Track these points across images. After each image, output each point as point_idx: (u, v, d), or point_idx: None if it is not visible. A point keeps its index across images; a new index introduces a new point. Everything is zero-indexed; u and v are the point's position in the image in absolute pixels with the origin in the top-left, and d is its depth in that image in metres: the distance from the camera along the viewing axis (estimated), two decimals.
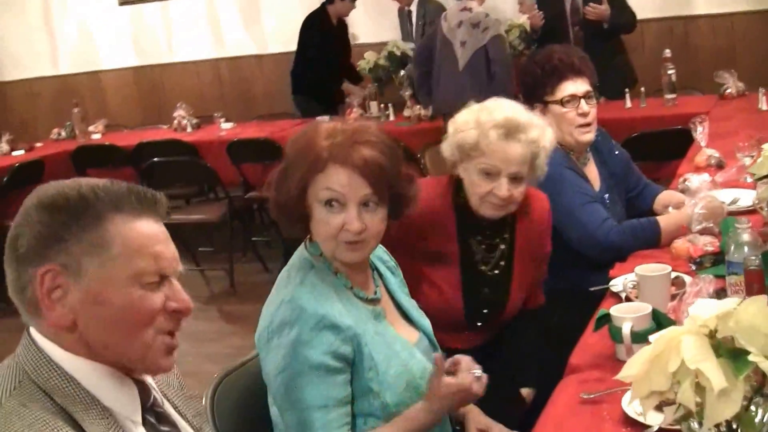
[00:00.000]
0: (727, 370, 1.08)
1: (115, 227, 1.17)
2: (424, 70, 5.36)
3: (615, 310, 1.85)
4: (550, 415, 1.69)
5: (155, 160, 5.30)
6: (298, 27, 6.38)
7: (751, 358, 1.06)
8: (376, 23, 6.81)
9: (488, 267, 2.29)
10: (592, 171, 2.82)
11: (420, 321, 1.93)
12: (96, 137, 6.52)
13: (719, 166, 3.23)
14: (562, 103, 2.70)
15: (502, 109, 2.19)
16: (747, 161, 3.03)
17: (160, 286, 1.21)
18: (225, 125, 6.17)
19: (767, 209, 2.36)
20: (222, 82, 7.67)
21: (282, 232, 1.88)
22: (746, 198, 2.70)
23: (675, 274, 2.17)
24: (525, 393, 2.25)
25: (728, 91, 4.88)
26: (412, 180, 1.82)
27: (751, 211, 2.56)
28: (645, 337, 1.39)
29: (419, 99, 5.57)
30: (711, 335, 1.12)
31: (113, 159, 5.88)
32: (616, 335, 1.82)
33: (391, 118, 5.79)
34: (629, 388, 1.37)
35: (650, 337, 1.19)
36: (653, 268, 2.08)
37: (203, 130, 6.26)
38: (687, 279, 2.15)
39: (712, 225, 2.38)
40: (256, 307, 1.84)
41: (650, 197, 2.92)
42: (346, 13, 6.32)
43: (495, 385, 1.84)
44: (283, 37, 6.86)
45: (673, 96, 4.94)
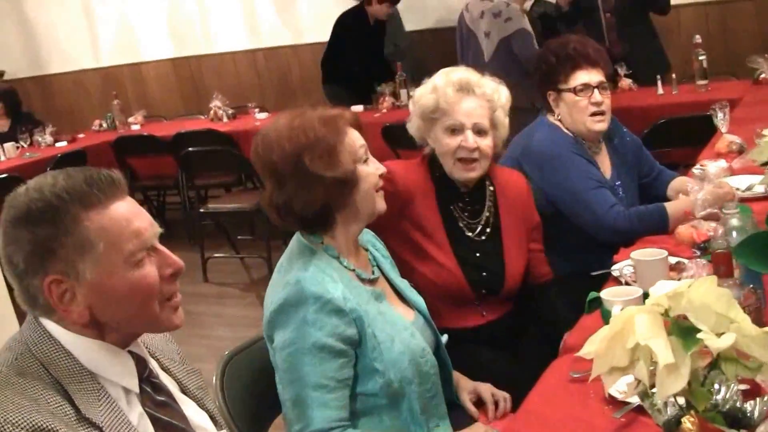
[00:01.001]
0: (678, 346, 1.12)
1: (92, 224, 1.26)
2: None
3: (606, 294, 1.90)
4: (539, 392, 1.75)
5: (190, 149, 5.44)
6: (333, 17, 6.41)
7: (700, 335, 1.11)
8: None
9: (474, 233, 2.37)
10: (604, 159, 2.85)
11: (415, 300, 2.01)
12: (135, 128, 6.70)
13: (740, 152, 3.21)
14: (575, 91, 2.73)
15: (455, 71, 2.36)
16: None
17: (150, 256, 1.32)
18: (259, 115, 6.29)
19: None
20: (258, 72, 7.77)
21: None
22: (762, 185, 2.69)
23: (676, 259, 2.20)
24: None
25: (762, 75, 4.81)
26: None
27: (767, 197, 2.57)
28: None
29: None
30: (666, 314, 1.17)
31: (152, 148, 6.04)
32: (607, 318, 1.86)
33: None
34: None
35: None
36: (650, 253, 2.12)
37: (239, 119, 6.37)
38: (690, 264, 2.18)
39: (717, 210, 2.40)
40: None
41: (664, 183, 2.94)
42: (381, 16, 6.18)
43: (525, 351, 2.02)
44: (319, 27, 6.91)
45: (704, 82, 4.88)
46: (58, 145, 6.33)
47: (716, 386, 1.21)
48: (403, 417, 1.84)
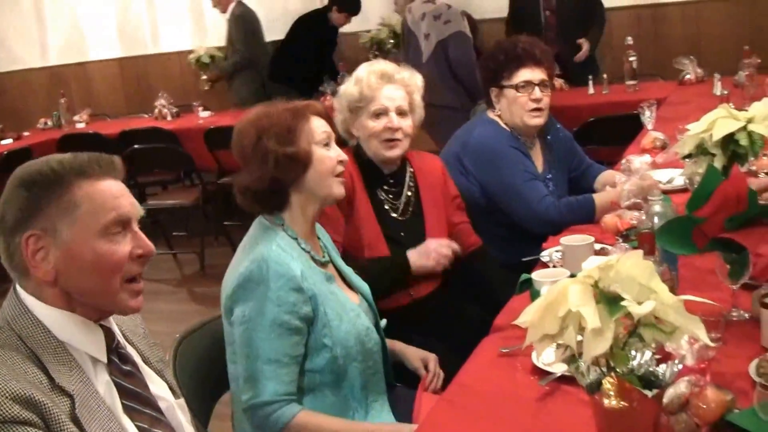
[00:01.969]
0: (604, 313, 1.26)
1: (81, 190, 1.39)
2: None
3: (536, 275, 2.05)
4: (471, 367, 1.87)
5: (135, 147, 5.47)
6: (279, 17, 6.51)
7: (624, 303, 1.25)
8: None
9: (398, 213, 2.54)
10: (538, 154, 3.01)
11: (359, 285, 2.14)
12: (80, 126, 6.69)
13: (664, 148, 3.40)
14: (516, 88, 2.87)
15: (376, 63, 2.58)
16: None
17: (124, 234, 1.42)
18: (203, 114, 6.36)
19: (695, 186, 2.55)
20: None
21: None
22: (681, 177, 2.88)
23: (600, 245, 2.36)
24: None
25: (687, 76, 5.05)
26: None
27: (685, 189, 2.75)
28: None
29: None
30: (595, 285, 1.30)
31: (97, 147, 5.99)
32: (535, 297, 2.01)
33: None
34: None
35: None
36: (577, 239, 2.28)
37: (183, 118, 6.43)
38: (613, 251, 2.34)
39: (640, 201, 2.57)
40: None
41: (592, 177, 3.11)
42: (341, 25, 6.50)
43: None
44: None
45: (634, 82, 5.11)
46: (3, 142, 6.31)
47: (633, 353, 1.35)
48: (343, 393, 1.96)
